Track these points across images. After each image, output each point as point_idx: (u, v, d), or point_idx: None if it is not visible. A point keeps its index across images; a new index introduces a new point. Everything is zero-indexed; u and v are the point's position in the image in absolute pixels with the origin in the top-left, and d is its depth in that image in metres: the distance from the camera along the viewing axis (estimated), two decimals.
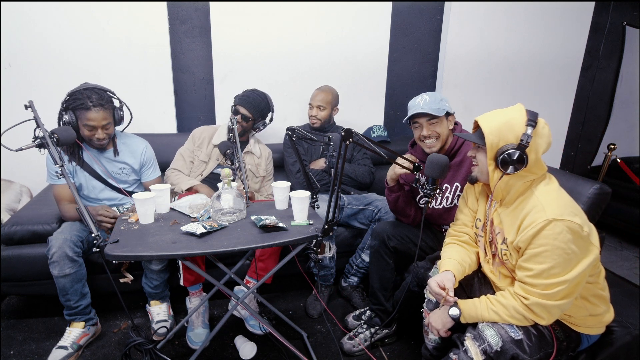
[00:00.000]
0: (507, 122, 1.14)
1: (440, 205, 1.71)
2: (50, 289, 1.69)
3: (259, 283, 1.54)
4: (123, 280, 1.79)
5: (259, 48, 2.47)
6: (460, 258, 1.33)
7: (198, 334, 1.76)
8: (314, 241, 1.34)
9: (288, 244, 1.32)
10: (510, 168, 1.13)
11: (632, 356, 1.32)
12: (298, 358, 1.57)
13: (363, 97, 2.73)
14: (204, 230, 1.30)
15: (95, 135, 1.67)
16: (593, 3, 2.90)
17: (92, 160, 1.76)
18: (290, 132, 1.57)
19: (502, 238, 1.22)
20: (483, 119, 1.19)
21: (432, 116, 1.55)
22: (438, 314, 1.27)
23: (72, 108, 1.63)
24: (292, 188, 1.59)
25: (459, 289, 1.34)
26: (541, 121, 1.15)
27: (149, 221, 1.41)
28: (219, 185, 1.51)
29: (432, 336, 1.41)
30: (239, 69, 2.47)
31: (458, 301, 1.21)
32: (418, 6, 2.73)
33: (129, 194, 1.80)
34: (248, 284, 1.86)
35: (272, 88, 2.54)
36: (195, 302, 1.89)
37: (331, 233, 1.33)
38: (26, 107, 1.37)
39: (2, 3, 2.08)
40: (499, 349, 1.10)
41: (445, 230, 1.72)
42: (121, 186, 1.82)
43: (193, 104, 2.57)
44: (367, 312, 1.85)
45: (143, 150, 1.88)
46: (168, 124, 2.48)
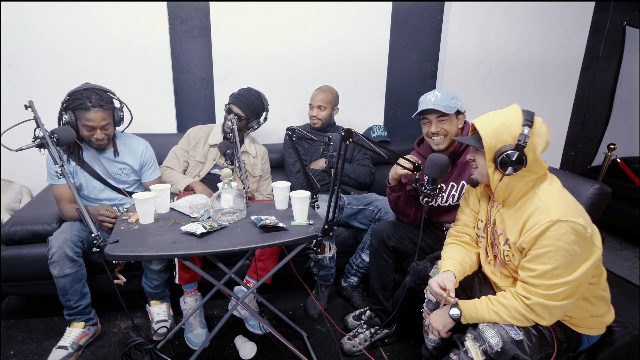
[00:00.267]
0: (504, 124, 1.14)
1: (446, 202, 1.71)
2: (50, 289, 1.69)
3: (259, 283, 1.54)
4: (116, 281, 1.79)
5: (259, 48, 2.47)
6: (460, 258, 1.33)
7: (197, 335, 1.76)
8: (314, 241, 1.34)
9: (288, 244, 1.32)
10: (509, 169, 1.13)
11: (632, 356, 1.32)
12: (298, 358, 1.57)
13: (363, 97, 2.73)
14: (204, 230, 1.30)
15: (94, 135, 1.67)
16: (593, 3, 2.90)
17: (92, 160, 1.76)
18: (290, 132, 1.57)
19: (505, 239, 1.21)
20: (479, 122, 1.19)
21: (442, 113, 1.55)
22: (438, 315, 1.27)
23: (72, 108, 1.63)
24: (292, 188, 1.59)
25: (460, 290, 1.33)
26: (538, 120, 1.15)
27: (149, 221, 1.41)
28: (219, 185, 1.51)
29: (432, 336, 1.41)
30: (239, 69, 2.47)
31: (458, 301, 1.21)
32: (418, 6, 2.73)
33: (129, 194, 1.80)
34: (248, 284, 1.86)
35: (272, 88, 2.54)
36: (189, 301, 1.89)
37: (331, 233, 1.33)
38: (26, 107, 1.37)
39: (2, 3, 2.07)
40: (500, 350, 1.10)
41: (446, 228, 1.72)
42: (121, 186, 1.82)
43: (193, 104, 2.57)
44: (367, 312, 1.85)
45: (143, 150, 1.88)
46: (168, 124, 2.48)
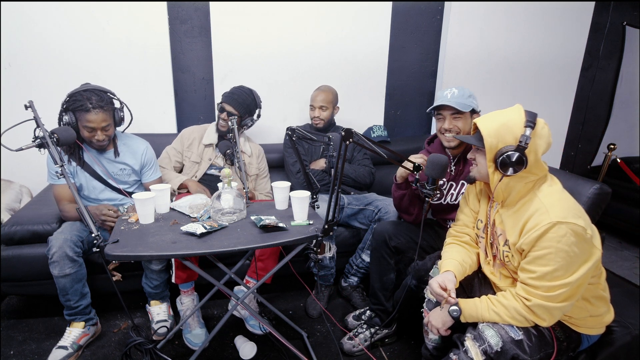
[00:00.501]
0: (505, 124, 1.13)
1: (455, 200, 1.70)
2: (50, 289, 1.69)
3: (259, 283, 1.54)
4: (115, 278, 1.78)
5: (259, 48, 2.47)
6: (461, 258, 1.33)
7: (197, 335, 1.76)
8: (314, 241, 1.34)
9: (288, 244, 1.32)
10: (509, 170, 1.13)
11: (632, 356, 1.32)
12: (298, 358, 1.57)
13: (363, 97, 2.73)
14: (204, 230, 1.30)
15: (94, 136, 1.67)
16: (593, 3, 2.90)
17: (93, 160, 1.76)
18: (290, 132, 1.56)
19: (504, 240, 1.21)
20: (481, 121, 1.18)
21: (456, 110, 1.54)
22: (438, 313, 1.27)
23: (72, 109, 1.62)
24: (293, 188, 1.59)
25: (459, 289, 1.33)
26: (540, 121, 1.14)
27: (149, 221, 1.41)
28: (219, 185, 1.51)
29: (432, 336, 1.41)
30: (239, 69, 2.47)
31: (459, 300, 1.21)
32: (418, 6, 2.73)
33: (129, 195, 1.80)
34: (248, 284, 1.86)
35: (272, 88, 2.55)
36: (186, 302, 1.88)
37: (331, 233, 1.33)
38: (26, 107, 1.37)
39: (2, 3, 2.07)
40: (499, 350, 1.10)
41: (450, 226, 1.72)
42: (121, 187, 1.82)
43: (193, 104, 2.57)
44: (367, 312, 1.85)
45: (144, 151, 1.88)
46: (168, 124, 2.48)
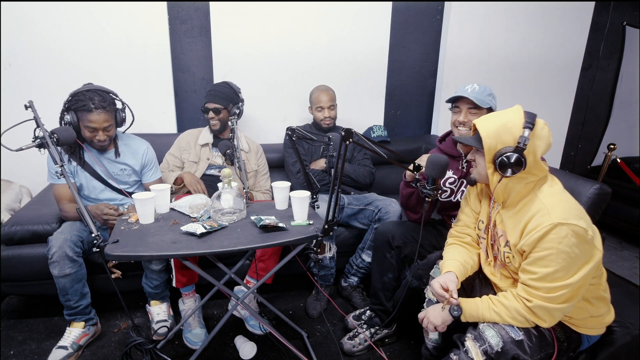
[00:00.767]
0: (504, 125, 1.13)
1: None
2: (50, 289, 1.69)
3: (259, 283, 1.54)
4: (114, 276, 1.78)
5: (259, 48, 2.47)
6: (462, 259, 1.33)
7: (197, 334, 1.76)
8: (314, 241, 1.34)
9: (288, 244, 1.32)
10: (508, 171, 1.13)
11: (632, 356, 1.32)
12: (298, 358, 1.57)
13: (363, 97, 2.73)
14: (204, 230, 1.30)
15: (96, 137, 1.67)
16: (593, 3, 2.90)
17: (93, 160, 1.76)
18: (290, 132, 1.56)
19: (505, 241, 1.21)
20: (480, 122, 1.18)
21: (474, 105, 1.55)
22: (438, 310, 1.26)
23: (74, 109, 1.63)
24: (293, 188, 1.59)
25: (460, 289, 1.32)
26: (540, 122, 1.14)
27: (149, 221, 1.41)
28: (219, 185, 1.51)
29: (432, 336, 1.41)
30: (239, 69, 2.47)
31: (459, 299, 1.21)
32: (418, 6, 2.72)
33: (129, 195, 1.80)
34: (248, 284, 1.86)
35: (272, 88, 2.55)
36: (188, 302, 1.89)
37: (331, 233, 1.33)
38: (26, 107, 1.37)
39: (2, 3, 2.07)
40: (500, 350, 1.10)
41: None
42: (121, 187, 1.82)
43: (193, 104, 2.57)
44: (367, 312, 1.85)
45: (144, 151, 1.88)
46: (168, 124, 2.48)
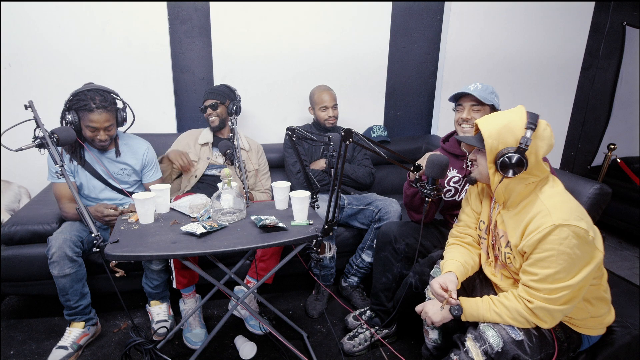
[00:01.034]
0: (506, 125, 1.13)
1: None
2: (50, 289, 1.69)
3: (259, 283, 1.54)
4: (118, 274, 1.78)
5: (259, 48, 2.47)
6: (463, 260, 1.33)
7: (197, 334, 1.76)
8: (314, 241, 1.34)
9: (288, 244, 1.32)
10: (509, 171, 1.12)
11: (632, 356, 1.32)
12: (298, 358, 1.57)
13: (363, 97, 2.73)
14: (204, 230, 1.30)
15: (97, 136, 1.67)
16: (593, 3, 2.90)
17: (94, 160, 1.76)
18: (290, 132, 1.56)
19: (506, 241, 1.21)
20: (483, 122, 1.18)
21: (477, 102, 1.56)
22: (437, 306, 1.25)
23: (75, 108, 1.63)
24: (293, 188, 1.59)
25: (461, 289, 1.33)
26: (542, 123, 1.14)
27: (149, 221, 1.41)
28: (219, 185, 1.51)
29: (433, 336, 1.41)
30: (239, 69, 2.47)
31: (460, 299, 1.21)
32: (418, 6, 2.73)
33: (130, 195, 1.80)
34: (248, 284, 1.86)
35: (272, 88, 2.55)
36: (189, 303, 1.89)
37: (331, 233, 1.33)
38: (26, 107, 1.37)
39: (2, 3, 2.07)
40: (500, 350, 1.10)
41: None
42: (122, 187, 1.82)
43: (193, 104, 2.57)
44: (368, 312, 1.85)
45: (145, 151, 1.88)
46: (168, 124, 2.48)
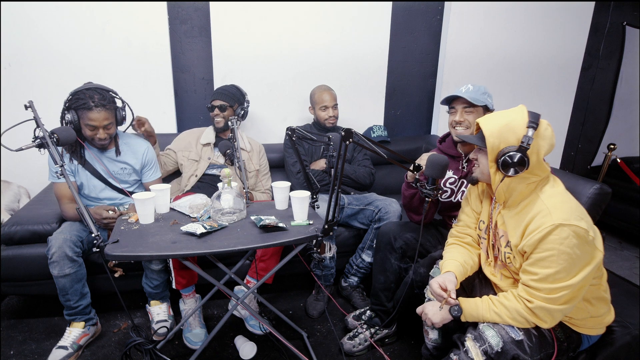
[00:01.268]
0: (508, 124, 1.13)
1: None
2: (50, 289, 1.69)
3: (259, 283, 1.54)
4: (117, 274, 1.78)
5: (259, 48, 2.47)
6: (462, 260, 1.33)
7: (197, 334, 1.76)
8: (314, 241, 1.34)
9: (288, 244, 1.32)
10: (511, 170, 1.13)
11: (632, 356, 1.32)
12: (298, 358, 1.57)
13: (363, 97, 2.73)
14: (204, 230, 1.30)
15: (96, 135, 1.68)
16: (593, 3, 2.90)
17: (94, 159, 1.76)
18: (290, 132, 1.56)
19: (506, 241, 1.21)
20: (484, 121, 1.18)
21: (469, 104, 1.56)
22: (436, 307, 1.25)
23: (75, 108, 1.63)
24: (293, 188, 1.59)
25: (460, 289, 1.33)
26: (543, 122, 1.14)
27: (149, 221, 1.41)
28: (219, 185, 1.51)
29: (433, 336, 1.41)
30: (239, 69, 2.47)
31: (460, 299, 1.21)
32: (418, 6, 2.73)
33: (130, 194, 1.80)
34: (248, 284, 1.86)
35: (272, 88, 2.55)
36: (189, 303, 1.89)
37: (331, 233, 1.33)
38: (26, 107, 1.37)
39: (2, 3, 2.07)
40: (500, 350, 1.10)
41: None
42: (122, 186, 1.82)
43: (193, 104, 2.57)
44: (367, 312, 1.85)
45: (145, 151, 1.88)
46: (168, 124, 2.48)
